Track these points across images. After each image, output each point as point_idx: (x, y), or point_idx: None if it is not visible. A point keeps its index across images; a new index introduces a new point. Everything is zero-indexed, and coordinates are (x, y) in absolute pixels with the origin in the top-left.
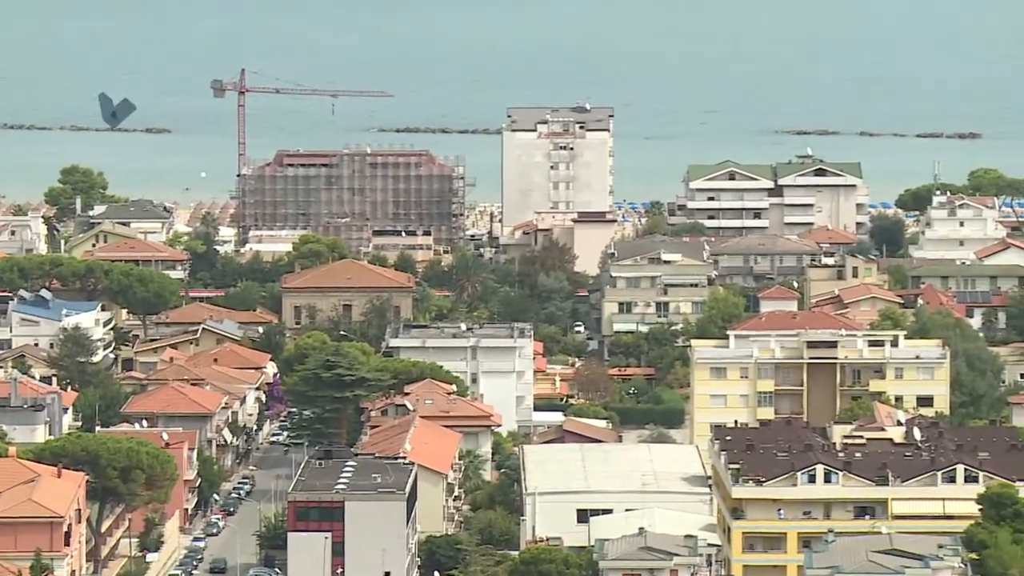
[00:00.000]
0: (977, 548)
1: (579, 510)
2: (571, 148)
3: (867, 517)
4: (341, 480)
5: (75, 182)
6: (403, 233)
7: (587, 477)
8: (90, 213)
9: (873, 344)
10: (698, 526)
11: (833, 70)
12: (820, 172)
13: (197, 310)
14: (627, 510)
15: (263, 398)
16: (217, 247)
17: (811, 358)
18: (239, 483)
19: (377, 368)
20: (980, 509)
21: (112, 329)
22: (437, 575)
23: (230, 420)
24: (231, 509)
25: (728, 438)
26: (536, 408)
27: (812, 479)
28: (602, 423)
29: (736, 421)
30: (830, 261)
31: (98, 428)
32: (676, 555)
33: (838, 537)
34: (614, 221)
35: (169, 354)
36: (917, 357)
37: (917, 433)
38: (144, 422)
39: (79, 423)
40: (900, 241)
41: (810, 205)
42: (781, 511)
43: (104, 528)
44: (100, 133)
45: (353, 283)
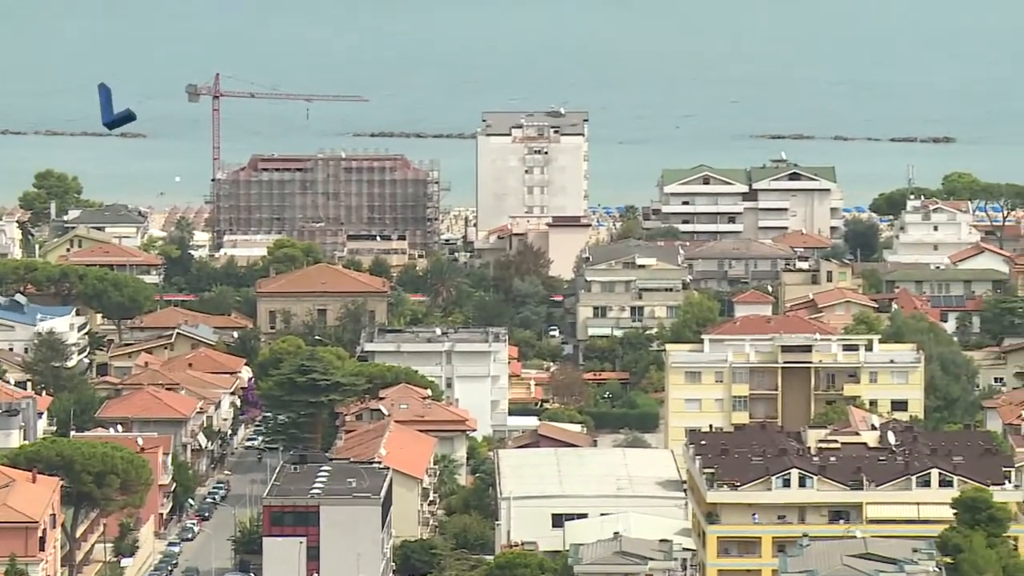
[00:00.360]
0: (951, 552)
1: (554, 514)
2: (546, 152)
3: (842, 521)
4: (316, 485)
5: (50, 187)
6: (378, 237)
7: (562, 481)
8: (65, 218)
9: (847, 348)
10: (673, 530)
11: (807, 75)
12: (794, 176)
13: (172, 315)
14: (602, 514)
15: (238, 403)
16: (192, 252)
17: (785, 362)
18: (214, 488)
19: (352, 373)
20: (955, 513)
21: (87, 334)
22: None
23: (205, 425)
24: (206, 514)
25: (703, 442)
26: (511, 412)
27: (787, 483)
28: (577, 427)
29: (711, 425)
30: (804, 265)
31: (73, 433)
32: (651, 559)
33: (813, 541)
34: (589, 225)
35: (144, 359)
36: (891, 361)
37: (891, 437)
38: (119, 427)
39: (54, 428)
40: (874, 245)
41: (784, 209)
42: (756, 515)
43: (79, 533)
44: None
45: (328, 288)
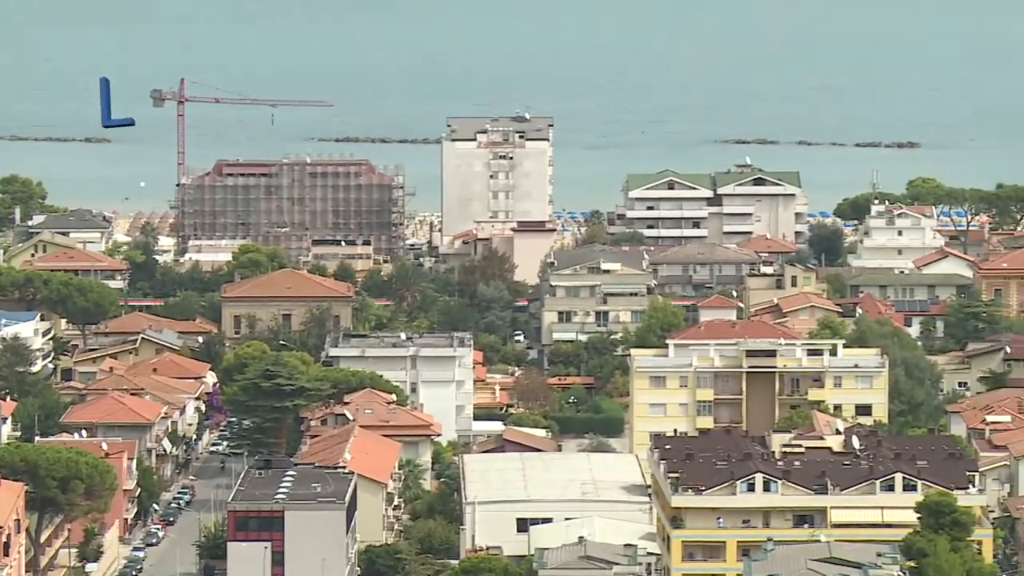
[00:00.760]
0: (915, 556)
1: (519, 519)
2: (511, 157)
3: (806, 525)
4: (281, 490)
5: (14, 192)
6: (343, 243)
7: (527, 486)
8: (29, 223)
9: (812, 353)
10: (638, 535)
11: (772, 80)
12: (759, 181)
13: (136, 320)
14: (567, 519)
15: (203, 408)
16: (156, 257)
17: (750, 367)
18: (179, 493)
19: (317, 378)
20: (919, 517)
21: (51, 339)
22: None
23: (170, 430)
24: (171, 519)
25: (667, 447)
26: (476, 417)
27: (751, 488)
28: (542, 432)
29: (675, 430)
30: (769, 270)
31: (37, 438)
32: (616, 564)
33: (777, 546)
34: (554, 230)
35: (108, 364)
36: (856, 366)
37: (856, 442)
38: (83, 432)
39: (18, 433)
40: (839, 250)
41: (749, 214)
42: (720, 520)
43: (43, 538)
44: (39, 143)
45: (293, 293)
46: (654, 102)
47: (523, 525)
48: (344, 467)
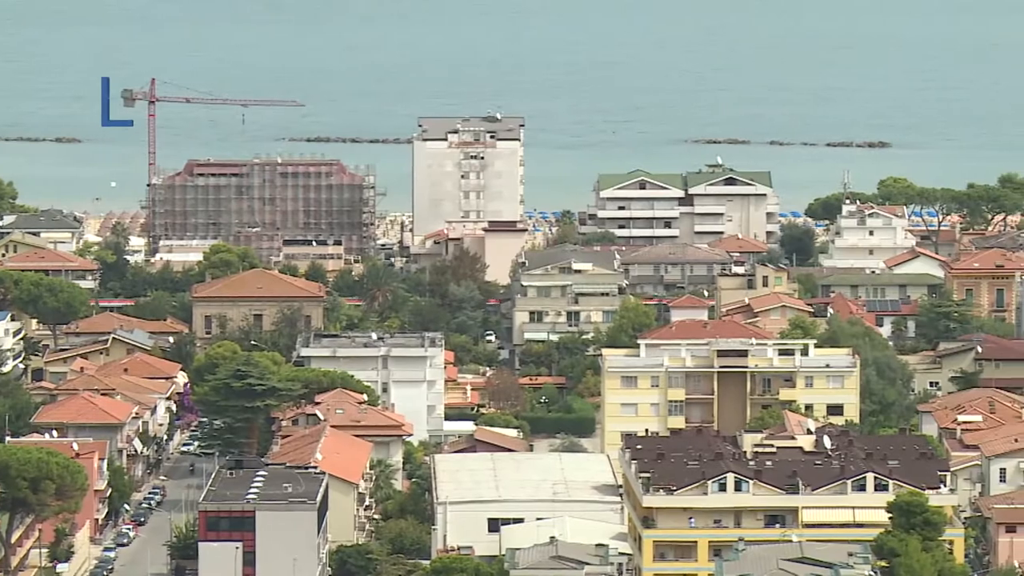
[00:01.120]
0: (887, 556)
1: (490, 519)
2: (482, 157)
3: (778, 525)
4: (252, 490)
5: None
6: (314, 243)
7: (498, 486)
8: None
9: (783, 353)
10: (609, 535)
11: (743, 80)
12: (730, 181)
13: (107, 320)
14: (538, 519)
15: (174, 408)
16: (127, 257)
17: (721, 367)
18: (150, 493)
19: (288, 378)
20: (890, 517)
21: (22, 339)
22: None
23: (141, 430)
24: (142, 519)
25: (639, 447)
26: (447, 417)
27: (723, 488)
28: (513, 432)
29: (647, 430)
30: (740, 270)
31: (8, 438)
32: (587, 564)
33: (749, 545)
34: (525, 230)
35: (79, 364)
36: (827, 366)
37: (827, 441)
38: (54, 432)
39: None
40: (810, 250)
41: (720, 214)
42: (692, 520)
43: (14, 539)
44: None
45: (264, 293)
46: (625, 102)
47: (494, 525)
48: (315, 467)
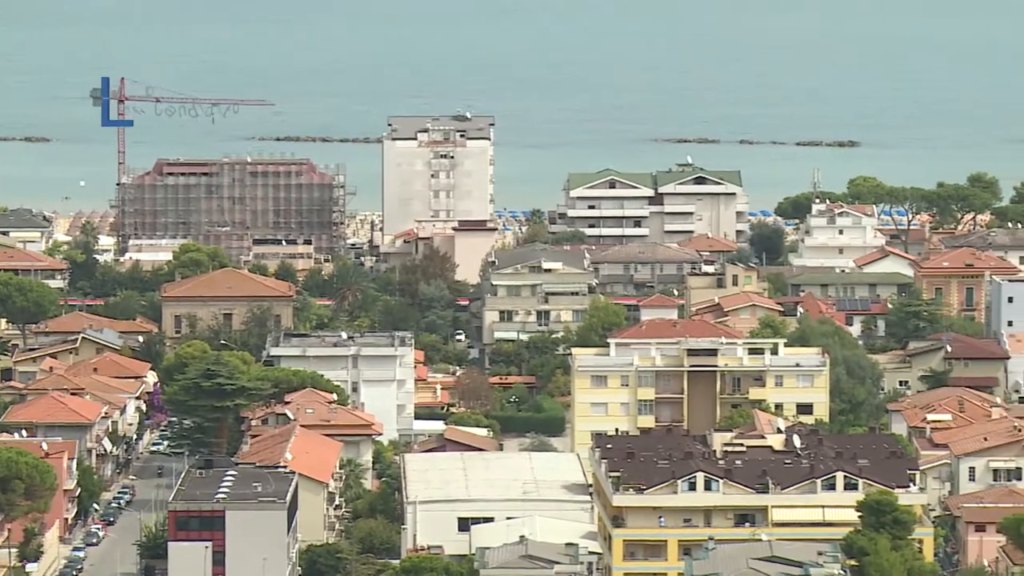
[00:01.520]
0: (857, 555)
1: (460, 518)
2: (452, 157)
3: (747, 524)
4: (222, 489)
5: None
6: (284, 242)
7: (468, 486)
8: None
9: (753, 352)
10: (579, 534)
11: (713, 79)
12: (700, 180)
13: (77, 319)
14: (508, 518)
15: (143, 408)
16: (97, 256)
17: (691, 366)
18: (119, 493)
19: (258, 377)
20: (860, 516)
21: None
22: None
23: (110, 430)
24: (111, 519)
25: (609, 446)
26: (417, 417)
27: (692, 487)
28: (483, 431)
29: (617, 429)
30: (710, 269)
31: None
32: (557, 563)
33: (718, 544)
34: (495, 229)
35: (48, 363)
36: (797, 365)
37: (797, 440)
38: (23, 432)
39: None
40: (780, 249)
41: (690, 213)
42: (662, 519)
43: None
44: None
45: (233, 292)
46: (595, 101)
47: (464, 524)
48: (285, 467)
